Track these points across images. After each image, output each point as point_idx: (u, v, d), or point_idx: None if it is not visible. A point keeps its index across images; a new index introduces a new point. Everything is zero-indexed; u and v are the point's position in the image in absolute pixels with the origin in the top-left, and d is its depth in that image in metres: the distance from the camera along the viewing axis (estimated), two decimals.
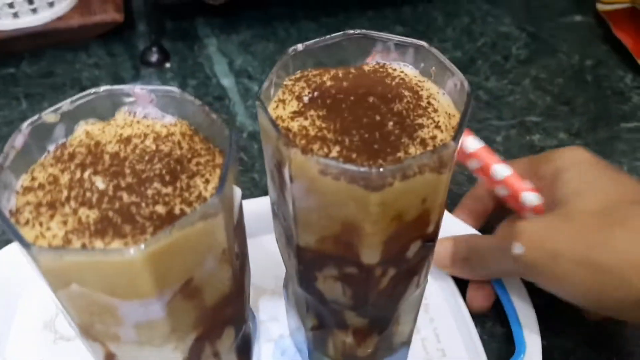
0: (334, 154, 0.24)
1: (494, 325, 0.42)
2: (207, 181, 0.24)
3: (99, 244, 0.21)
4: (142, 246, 0.20)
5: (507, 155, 0.51)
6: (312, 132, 0.25)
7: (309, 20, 0.66)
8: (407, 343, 0.36)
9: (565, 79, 0.59)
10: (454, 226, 0.42)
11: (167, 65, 0.62)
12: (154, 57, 0.62)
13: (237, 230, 0.26)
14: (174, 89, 0.26)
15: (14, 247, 0.40)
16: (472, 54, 0.62)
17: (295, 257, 0.29)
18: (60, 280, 0.22)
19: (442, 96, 0.27)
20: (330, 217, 0.25)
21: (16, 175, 0.24)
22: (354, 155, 0.24)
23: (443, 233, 0.31)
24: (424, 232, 0.27)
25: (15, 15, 0.62)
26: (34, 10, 0.62)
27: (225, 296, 0.26)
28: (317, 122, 0.26)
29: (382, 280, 0.29)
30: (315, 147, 0.25)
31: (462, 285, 0.42)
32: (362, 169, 0.23)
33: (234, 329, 0.29)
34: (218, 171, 0.25)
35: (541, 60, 0.61)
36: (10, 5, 0.61)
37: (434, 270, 0.43)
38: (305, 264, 0.29)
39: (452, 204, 0.44)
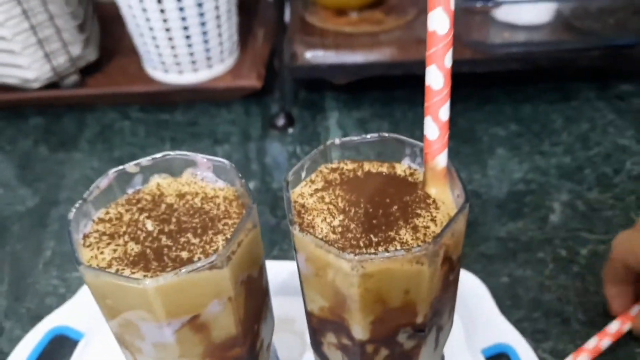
0: (336, 222, 0.29)
1: None
2: (226, 240, 0.29)
3: (127, 272, 0.28)
4: (155, 280, 0.26)
5: (588, 271, 0.50)
6: (323, 206, 0.30)
7: None
8: None
9: None
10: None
11: (290, 130, 0.70)
12: (280, 122, 0.70)
13: (252, 286, 0.31)
14: (225, 161, 0.32)
15: None
16: (582, 162, 0.61)
17: (307, 320, 0.34)
18: (100, 294, 0.29)
19: (452, 199, 0.30)
20: (325, 287, 0.29)
21: (96, 208, 0.31)
22: (352, 225, 0.28)
23: None
24: (412, 321, 0.30)
25: (180, 72, 0.74)
26: (196, 70, 0.74)
27: (232, 338, 0.31)
28: (332, 197, 0.30)
29: (375, 358, 0.32)
30: (321, 218, 0.29)
31: None
32: (342, 253, 0.26)
33: None
34: None
35: None
36: (177, 64, 0.73)
37: None
38: (313, 328, 0.33)
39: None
